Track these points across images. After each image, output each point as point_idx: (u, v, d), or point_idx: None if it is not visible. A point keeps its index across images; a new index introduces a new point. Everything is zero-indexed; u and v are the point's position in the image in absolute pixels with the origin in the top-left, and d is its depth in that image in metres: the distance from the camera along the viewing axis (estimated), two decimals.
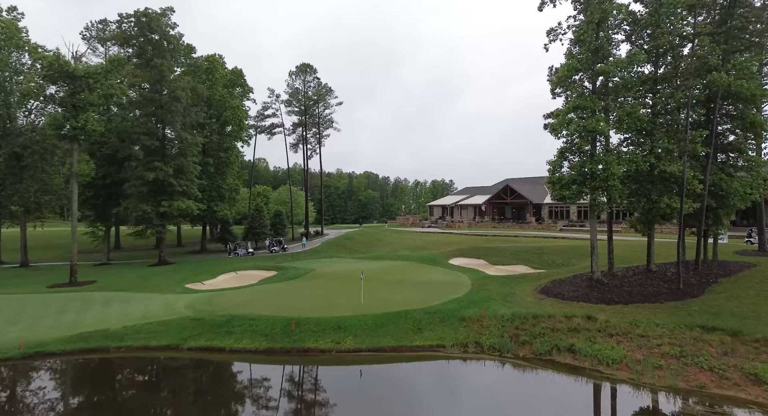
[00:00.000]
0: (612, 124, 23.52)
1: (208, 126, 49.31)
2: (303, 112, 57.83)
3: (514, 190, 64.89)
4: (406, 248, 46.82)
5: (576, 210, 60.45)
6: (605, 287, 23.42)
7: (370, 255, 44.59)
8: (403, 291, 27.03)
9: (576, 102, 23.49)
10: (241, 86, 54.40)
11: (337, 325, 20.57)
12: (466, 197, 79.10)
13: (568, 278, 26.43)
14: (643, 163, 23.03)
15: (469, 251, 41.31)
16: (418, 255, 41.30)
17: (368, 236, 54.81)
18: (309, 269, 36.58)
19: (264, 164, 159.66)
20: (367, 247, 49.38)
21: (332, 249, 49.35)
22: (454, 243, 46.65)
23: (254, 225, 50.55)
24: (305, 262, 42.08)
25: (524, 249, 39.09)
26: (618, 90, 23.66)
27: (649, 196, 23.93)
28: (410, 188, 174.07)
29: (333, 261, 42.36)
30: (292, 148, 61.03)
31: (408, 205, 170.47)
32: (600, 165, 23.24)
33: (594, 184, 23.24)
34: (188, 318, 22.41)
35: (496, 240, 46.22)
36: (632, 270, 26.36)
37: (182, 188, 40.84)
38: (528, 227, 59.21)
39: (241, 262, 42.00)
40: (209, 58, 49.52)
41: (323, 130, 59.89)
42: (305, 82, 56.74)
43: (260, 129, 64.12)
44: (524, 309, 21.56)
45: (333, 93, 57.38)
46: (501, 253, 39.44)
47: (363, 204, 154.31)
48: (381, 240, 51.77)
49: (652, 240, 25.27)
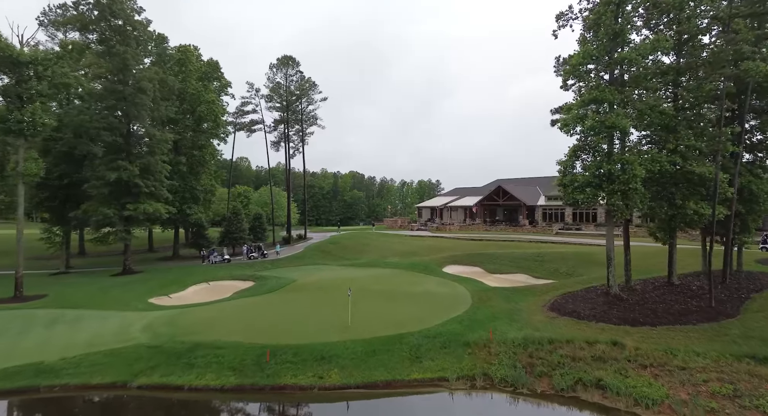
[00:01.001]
0: (632, 119, 20.79)
1: (181, 122, 45.45)
2: (285, 108, 54.26)
3: (507, 191, 62.39)
4: (395, 254, 43.73)
5: (571, 213, 58.17)
6: (625, 304, 20.68)
7: (358, 262, 41.38)
8: (395, 306, 23.94)
9: (592, 94, 20.69)
10: (218, 79, 50.62)
11: (320, 355, 17.35)
12: (456, 198, 76.40)
13: (579, 292, 23.67)
14: (667, 163, 20.36)
15: (463, 258, 38.42)
16: (409, 262, 38.24)
17: (355, 240, 51.55)
18: (290, 279, 33.21)
19: (246, 163, 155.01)
20: (354, 253, 46.14)
21: (316, 255, 45.95)
22: (447, 248, 43.75)
23: (231, 229, 46.84)
24: (286, 271, 38.65)
25: (523, 256, 36.37)
26: (638, 80, 20.97)
27: (673, 201, 21.30)
28: (396, 188, 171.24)
29: (317, 269, 39.03)
30: (273, 146, 57.47)
31: (394, 206, 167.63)
32: (619, 165, 20.47)
33: (612, 187, 20.48)
34: (143, 345, 18.89)
35: (491, 245, 43.47)
36: (651, 283, 23.72)
37: (150, 189, 37.03)
38: (522, 230, 56.71)
39: (215, 271, 38.37)
40: (181, 48, 45.64)
41: (306, 128, 56.52)
42: (287, 76, 53.19)
43: (239, 126, 60.35)
44: (537, 332, 18.67)
45: (317, 88, 54.00)
46: (498, 260, 36.65)
47: (348, 204, 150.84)
48: (368, 245, 48.56)
49: (674, 250, 22.66)
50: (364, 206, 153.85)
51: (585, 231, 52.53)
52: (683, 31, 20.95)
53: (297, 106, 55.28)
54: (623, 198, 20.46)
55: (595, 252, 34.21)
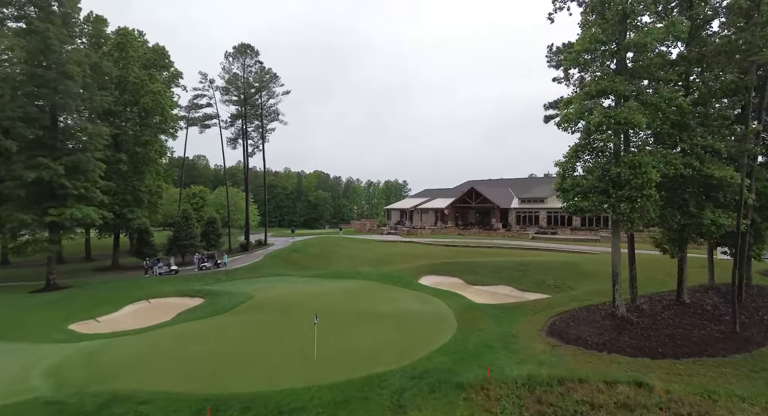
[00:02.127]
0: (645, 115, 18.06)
1: (122, 114, 39.97)
2: (243, 102, 49.43)
3: (479, 193, 59.99)
4: (366, 262, 40.06)
5: (546, 216, 56.36)
6: (636, 328, 17.92)
7: (325, 272, 37.42)
8: (370, 331, 20.29)
9: (600, 85, 17.83)
10: (166, 68, 45.27)
11: (279, 409, 13.48)
12: (426, 200, 73.52)
13: (579, 312, 20.83)
14: (682, 165, 17.75)
15: (440, 267, 35.24)
16: (381, 273, 34.67)
17: (321, 247, 47.45)
18: (246, 295, 28.94)
19: (203, 162, 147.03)
20: (321, 262, 42.12)
21: (277, 264, 41.60)
22: (421, 255, 40.51)
23: (180, 235, 41.73)
24: (243, 284, 34.25)
25: (504, 265, 33.55)
26: (650, 70, 18.27)
27: (686, 209, 18.77)
28: (363, 189, 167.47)
29: (278, 281, 34.81)
30: (230, 143, 52.41)
31: (361, 207, 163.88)
32: (629, 168, 17.66)
33: (622, 193, 17.68)
34: (41, 400, 14.35)
35: (467, 252, 40.58)
36: (659, 300, 21.19)
37: (79, 191, 31.68)
38: (496, 234, 54.38)
39: (159, 285, 33.44)
40: (121, 31, 40.15)
41: (267, 123, 51.82)
42: (245, 66, 48.33)
43: (192, 121, 54.95)
44: (542, 369, 15.51)
45: (278, 80, 49.46)
46: (478, 270, 33.68)
47: (313, 205, 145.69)
48: (336, 253, 44.64)
49: (685, 264, 20.16)
50: (330, 207, 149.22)
51: (561, 235, 50.74)
52: (697, 14, 18.46)
53: (256, 99, 50.56)
54: (634, 206, 17.69)
55: (581, 261, 31.86)
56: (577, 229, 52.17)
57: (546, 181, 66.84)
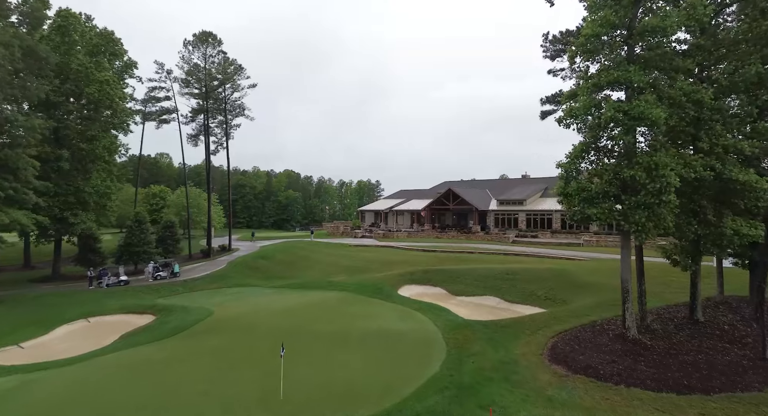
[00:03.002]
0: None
1: (62, 105, 35.46)
2: (204, 95, 45.40)
3: (457, 194, 57.86)
4: (340, 270, 37.02)
5: (525, 219, 54.78)
6: (652, 354, 15.70)
7: (294, 282, 34.18)
8: (346, 359, 17.36)
9: (612, 75, 15.52)
10: (117, 56, 40.82)
11: None
12: (402, 201, 71.04)
13: (583, 331, 18.52)
14: (702, 168, 15.66)
15: (421, 276, 32.61)
16: (357, 283, 31.74)
17: (290, 253, 44.02)
18: (204, 311, 25.50)
19: (167, 160, 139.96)
20: (290, 269, 38.80)
21: (242, 273, 38.05)
22: (399, 262, 37.79)
23: (133, 241, 37.52)
24: (202, 297, 30.73)
25: (489, 274, 31.22)
26: (667, 59, 16.10)
27: (703, 217, 16.74)
28: (335, 189, 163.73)
29: (242, 293, 31.41)
30: (190, 140, 48.25)
31: (333, 207, 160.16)
32: (644, 171, 15.41)
33: (636, 199, 15.44)
34: None
35: (448, 258, 38.15)
36: (669, 317, 19.12)
37: (6, 193, 27.37)
38: (475, 238, 52.32)
39: (104, 299, 29.51)
40: (62, 12, 35.61)
41: (231, 119, 47.95)
42: (206, 56, 44.31)
43: (149, 115, 50.43)
44: (555, 411, 13.00)
45: (243, 72, 45.65)
46: (462, 279, 31.24)
47: (283, 205, 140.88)
48: (307, 259, 41.37)
49: (699, 279, 18.12)
50: (300, 207, 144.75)
51: (542, 239, 49.13)
52: None
53: (219, 93, 46.61)
54: (650, 214, 15.47)
55: (571, 269, 29.90)
56: (557, 232, 50.74)
57: (523, 182, 65.49)
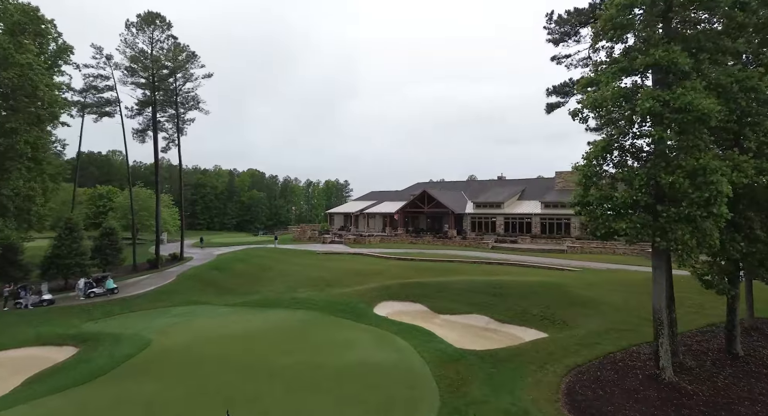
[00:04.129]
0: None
1: None
2: (152, 85, 40.12)
3: (432, 197, 54.78)
4: (307, 283, 32.95)
5: (503, 223, 52.31)
6: (697, 403, 12.71)
7: (254, 298, 29.87)
8: (312, 410, 13.58)
9: (654, 56, 12.46)
10: (43, 36, 35.12)
11: None
12: (373, 203, 67.36)
13: (602, 368, 15.43)
14: (754, 172, 12.85)
15: (399, 290, 29.06)
16: (326, 299, 27.86)
17: (250, 263, 39.46)
18: (141, 341, 21.03)
19: (119, 158, 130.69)
20: (250, 282, 34.35)
21: (194, 287, 33.35)
22: (373, 273, 34.12)
23: (61, 252, 32.10)
24: (142, 319, 26.08)
25: (475, 287, 28.06)
26: (714, 38, 13.21)
27: (750, 232, 13.98)
28: (302, 189, 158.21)
29: (191, 313, 26.92)
30: (137, 135, 42.75)
31: (299, 208, 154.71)
32: (688, 177, 12.44)
33: (678, 210, 12.46)
34: None
35: (427, 268, 34.80)
36: (701, 350, 16.33)
37: None
38: (452, 243, 49.33)
39: (17, 325, 24.43)
40: None
41: (184, 113, 42.82)
42: (153, 40, 39.03)
43: (88, 107, 44.56)
44: None
45: (197, 60, 40.58)
46: (445, 293, 27.91)
47: (247, 206, 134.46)
48: (269, 270, 36.98)
49: (737, 303, 15.41)
50: (265, 208, 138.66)
51: (522, 244, 46.72)
52: None
53: (170, 83, 41.43)
54: (694, 230, 12.51)
55: (566, 283, 27.13)
56: (537, 237, 48.52)
57: (500, 184, 63.25)
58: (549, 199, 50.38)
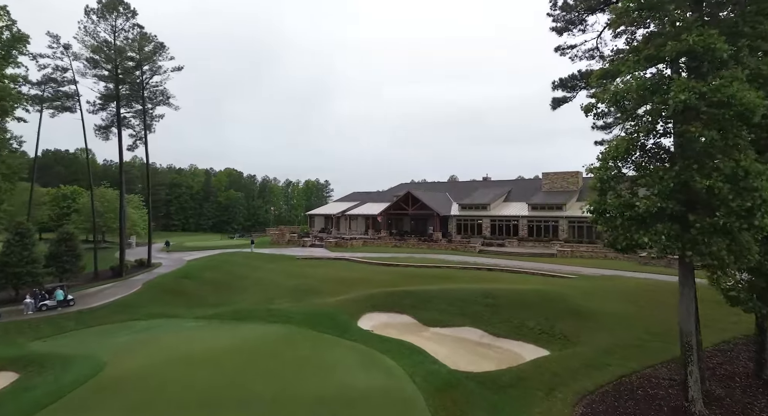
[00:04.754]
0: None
1: None
2: (116, 78, 37.03)
3: (417, 198, 52.91)
4: (284, 292, 30.61)
5: (489, 225, 50.81)
6: None
7: (227, 310, 27.38)
8: None
9: (687, 41, 10.73)
10: None
11: None
12: (355, 205, 65.13)
13: (618, 396, 13.69)
14: None
15: (384, 299, 27.02)
16: (306, 311, 25.60)
17: (224, 270, 36.80)
18: (94, 364, 18.44)
19: (89, 156, 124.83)
20: (223, 292, 31.82)
21: (160, 297, 30.63)
22: (356, 280, 32.00)
23: (11, 260, 28.97)
24: (100, 336, 23.45)
25: (465, 296, 26.23)
26: (751, 21, 11.59)
27: None
28: (281, 189, 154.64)
29: (156, 328, 24.33)
30: (100, 132, 39.60)
31: (278, 208, 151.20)
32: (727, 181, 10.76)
33: (713, 220, 10.77)
34: None
35: (413, 274, 32.83)
36: (725, 373, 14.76)
37: None
38: (437, 246, 47.57)
39: None
40: None
41: (152, 108, 39.79)
42: (116, 29, 35.95)
43: (47, 102, 41.06)
44: None
45: (166, 51, 37.62)
46: (433, 303, 25.99)
47: (224, 206, 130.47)
48: (245, 278, 34.45)
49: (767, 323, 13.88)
50: (243, 208, 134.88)
51: (509, 248, 45.29)
52: None
53: (137, 76, 38.40)
54: (732, 243, 10.85)
55: (562, 292, 25.48)
56: (524, 240, 47.17)
57: (485, 184, 61.87)
58: (536, 201, 49.13)
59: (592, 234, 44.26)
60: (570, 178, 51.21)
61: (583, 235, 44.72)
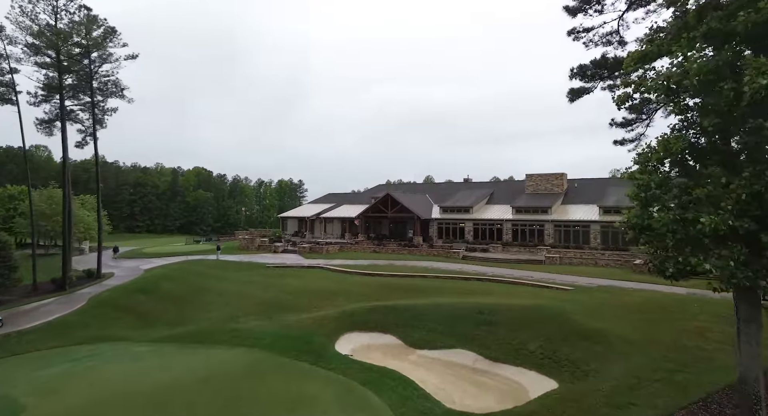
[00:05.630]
0: None
1: None
2: (59, 65, 32.72)
3: (397, 200, 50.12)
4: (252, 307, 27.31)
5: (472, 229, 48.54)
6: None
7: (183, 331, 23.93)
8: None
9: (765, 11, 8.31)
10: None
11: None
12: (331, 207, 61.86)
13: None
14: None
15: (364, 317, 24.12)
16: (276, 331, 22.48)
17: (184, 282, 33.01)
18: (10, 409, 14.98)
19: (44, 153, 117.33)
20: (181, 308, 28.21)
21: (107, 316, 26.82)
22: (333, 292, 29.01)
23: None
24: (24, 367, 19.79)
25: (456, 312, 23.60)
26: None
27: None
28: (252, 188, 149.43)
29: (98, 356, 20.73)
30: (42, 127, 35.11)
31: (250, 209, 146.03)
32: None
33: None
34: None
35: (398, 288, 29.90)
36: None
37: None
38: (419, 252, 44.94)
39: None
40: None
41: (103, 101, 35.54)
42: (58, 10, 31.64)
43: None
44: None
45: (117, 37, 33.47)
46: (421, 321, 23.25)
47: (192, 207, 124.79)
48: (207, 291, 30.83)
49: None
50: (212, 209, 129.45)
51: (494, 253, 43.10)
52: None
53: (85, 64, 34.15)
54: None
55: (564, 309, 23.12)
56: (509, 245, 45.11)
57: (467, 186, 59.71)
58: (520, 204, 47.18)
59: (579, 238, 42.62)
60: (554, 180, 49.54)
61: (570, 240, 43.01)
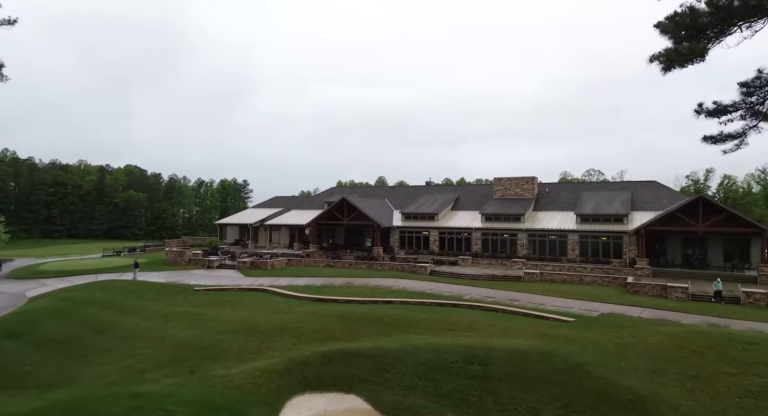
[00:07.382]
0: None
1: None
2: None
3: (354, 206, 44.29)
4: (166, 356, 20.49)
5: (438, 238, 43.74)
6: None
7: (58, 398, 16.75)
8: None
9: None
10: None
11: None
12: (278, 212, 54.92)
13: None
14: None
15: (320, 370, 18.14)
16: (195, 397, 16.02)
17: (77, 317, 25.21)
18: None
19: None
20: (65, 361, 20.79)
21: None
22: (278, 329, 22.77)
23: None
24: None
25: (439, 361, 18.17)
26: None
27: None
28: (192, 189, 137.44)
29: None
30: None
31: (189, 211, 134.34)
32: None
33: None
34: None
35: (364, 322, 23.87)
36: None
37: None
38: (380, 266, 39.37)
39: None
40: None
41: None
42: None
43: None
44: None
45: None
46: (393, 375, 17.66)
47: (121, 209, 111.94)
48: (109, 330, 23.46)
49: None
50: (145, 211, 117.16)
51: (464, 266, 38.50)
52: None
53: None
54: None
55: (574, 355, 18.38)
56: (479, 256, 40.70)
57: (429, 190, 54.92)
58: (490, 210, 43.03)
59: (556, 249, 38.98)
60: (525, 184, 45.88)
61: (546, 251, 39.28)
